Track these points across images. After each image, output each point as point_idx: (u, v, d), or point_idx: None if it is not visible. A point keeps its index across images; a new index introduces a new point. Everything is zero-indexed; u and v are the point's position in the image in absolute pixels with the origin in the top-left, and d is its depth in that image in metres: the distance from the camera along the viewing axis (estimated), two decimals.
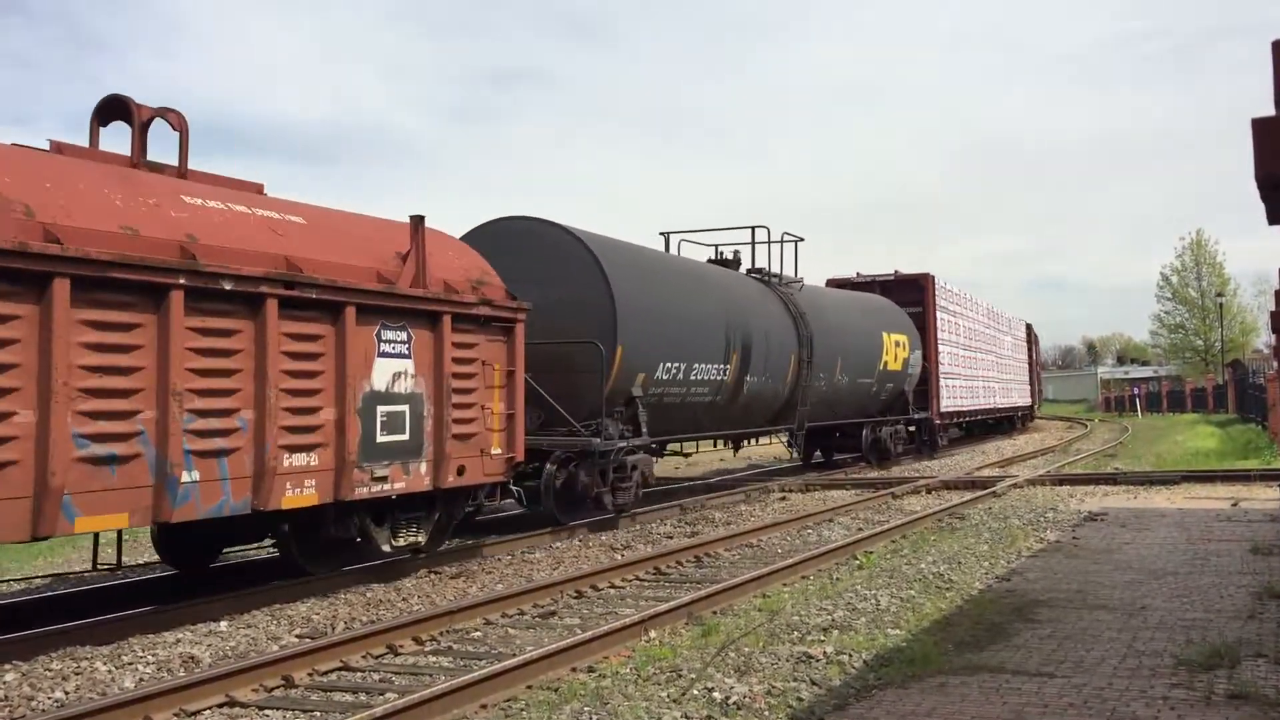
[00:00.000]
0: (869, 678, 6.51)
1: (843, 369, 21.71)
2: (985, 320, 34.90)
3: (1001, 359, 37.47)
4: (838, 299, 23.88)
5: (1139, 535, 12.25)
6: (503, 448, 11.49)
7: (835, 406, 22.01)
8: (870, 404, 24.13)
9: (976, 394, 32.40)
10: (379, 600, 9.66)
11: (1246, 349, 71.52)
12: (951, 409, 29.18)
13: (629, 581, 10.45)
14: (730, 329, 17.21)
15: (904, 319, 25.89)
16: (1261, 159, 3.05)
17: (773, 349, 18.60)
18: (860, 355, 22.77)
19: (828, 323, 21.22)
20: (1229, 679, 6.20)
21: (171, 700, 6.28)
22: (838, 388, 21.65)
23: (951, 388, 29.01)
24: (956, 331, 30.06)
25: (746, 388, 17.84)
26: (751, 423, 19.28)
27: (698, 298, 16.78)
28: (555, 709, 6.00)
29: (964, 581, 9.65)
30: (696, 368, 16.11)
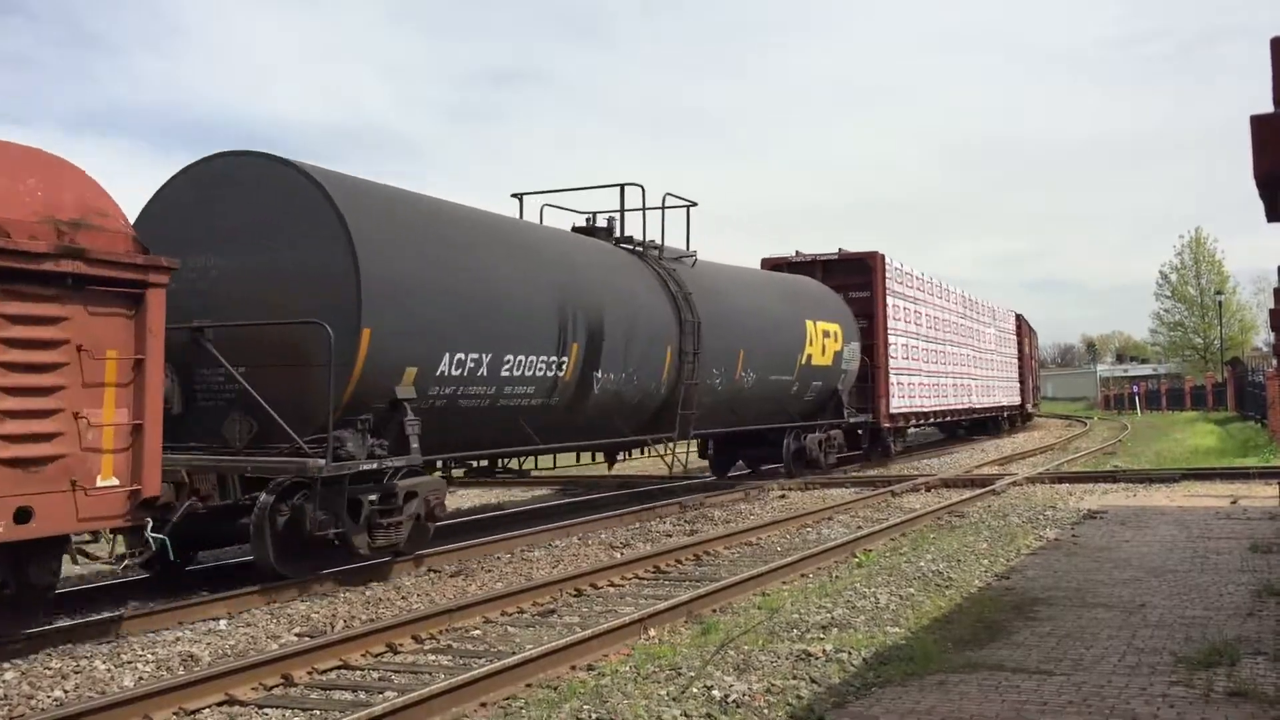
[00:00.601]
0: (868, 675, 6.51)
1: (748, 364, 17.70)
2: (959, 309, 30.89)
3: (982, 353, 33.69)
4: (745, 280, 19.42)
5: (1138, 533, 12.26)
6: (122, 477, 7.79)
7: (740, 409, 17.96)
8: (791, 405, 19.96)
9: (944, 392, 28.28)
10: (378, 599, 9.66)
11: (1246, 347, 71.51)
12: (905, 409, 25.05)
13: (628, 580, 10.46)
14: (568, 311, 13.12)
15: (838, 305, 22.00)
16: (1260, 156, 3.06)
17: (639, 338, 14.58)
18: (773, 348, 18.60)
19: (727, 307, 17.22)
20: (1228, 677, 6.21)
21: (171, 699, 6.28)
22: (741, 387, 17.63)
23: (906, 385, 25.07)
24: (915, 320, 26.19)
25: (598, 387, 13.82)
26: (612, 431, 14.81)
27: (515, 269, 12.58)
28: (555, 707, 6.00)
29: (963, 579, 9.65)
30: (513, 361, 12.15)
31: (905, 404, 24.94)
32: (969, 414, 32.14)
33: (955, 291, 30.75)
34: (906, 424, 26.02)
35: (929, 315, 27.39)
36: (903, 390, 24.72)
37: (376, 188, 11.72)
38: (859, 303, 23.39)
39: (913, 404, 25.56)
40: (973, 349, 32.27)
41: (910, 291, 25.91)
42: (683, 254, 17.15)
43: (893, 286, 24.40)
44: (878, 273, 23.96)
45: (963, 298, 31.66)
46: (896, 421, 24.58)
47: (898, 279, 24.84)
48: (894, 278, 24.59)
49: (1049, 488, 17.80)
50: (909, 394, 25.16)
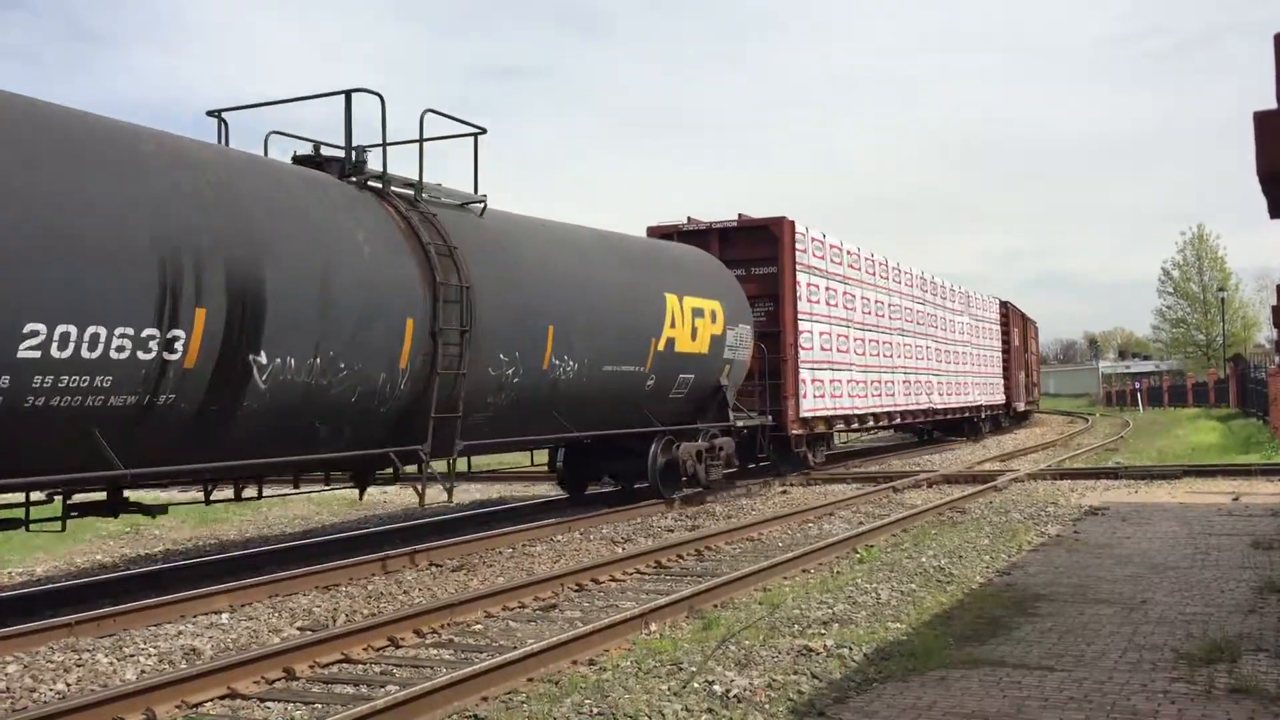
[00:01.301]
0: (869, 671, 6.51)
1: (564, 349, 12.86)
2: (915, 293, 26.56)
3: (949, 345, 29.23)
4: (562, 238, 14.04)
5: (1140, 530, 12.26)
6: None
7: (566, 411, 13.19)
8: (654, 406, 15.12)
9: (889, 390, 24.00)
10: (380, 593, 9.67)
11: (1248, 343, 71.54)
12: (825, 411, 20.38)
13: (630, 575, 10.47)
14: (187, 261, 8.51)
15: (720, 279, 17.25)
16: (1263, 153, 3.05)
17: (347, 306, 9.98)
18: (609, 328, 13.80)
19: (526, 272, 12.51)
20: (1229, 673, 6.21)
21: (173, 692, 6.29)
22: (556, 380, 12.83)
23: (827, 382, 20.52)
24: (842, 303, 21.64)
25: (264, 379, 9.20)
26: (305, 444, 10.10)
27: (84, 190, 7.97)
28: (556, 702, 6.01)
29: (965, 575, 9.66)
30: (47, 334, 7.56)
31: (826, 405, 20.43)
32: (927, 416, 27.39)
33: (910, 272, 26.38)
34: (829, 429, 21.20)
35: (867, 299, 23.01)
36: (821, 388, 20.23)
37: None
38: (763, 281, 19.29)
39: (838, 405, 20.98)
40: (936, 340, 27.89)
41: (835, 268, 21.36)
42: (466, 199, 12.42)
43: (808, 261, 19.98)
44: (784, 243, 19.34)
45: (922, 280, 27.24)
46: (811, 426, 19.92)
47: (816, 252, 20.38)
48: (809, 250, 20.04)
49: (1051, 484, 17.80)
50: (832, 392, 20.69)
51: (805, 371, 19.63)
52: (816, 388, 20.11)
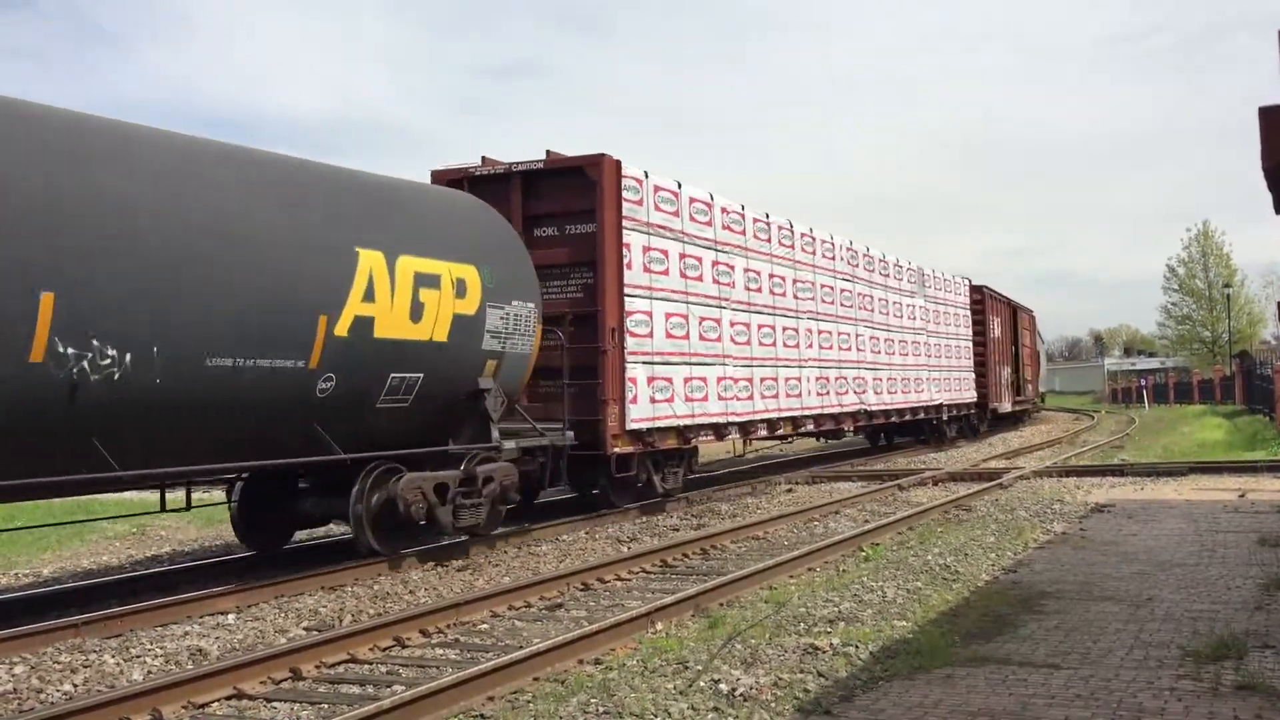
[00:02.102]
0: (875, 669, 6.51)
1: (102, 331, 8.01)
2: (839, 269, 21.23)
3: (896, 333, 24.33)
4: (171, 156, 9.02)
5: (1146, 527, 12.24)
6: None
7: (118, 434, 8.32)
8: (332, 421, 10.12)
9: (798, 390, 18.86)
10: (386, 593, 9.68)
11: (1254, 340, 71.44)
12: (671, 420, 14.98)
13: (635, 574, 10.47)
14: None
15: (483, 235, 12.19)
16: (1268, 147, 3.05)
17: None
18: (219, 297, 8.88)
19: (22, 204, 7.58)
20: (1236, 670, 6.19)
21: (180, 693, 6.30)
22: (85, 384, 7.89)
23: (679, 382, 15.17)
24: (712, 275, 16.26)
25: None
26: None
27: None
28: (562, 701, 6.01)
29: (970, 573, 9.65)
30: None
31: (677, 411, 15.10)
32: (857, 419, 22.19)
33: (833, 242, 21.09)
34: (684, 442, 15.57)
35: (755, 272, 17.68)
36: (668, 389, 14.94)
37: None
38: (581, 243, 14.29)
39: (698, 411, 15.63)
40: (874, 327, 23.01)
41: (698, 230, 16.03)
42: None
43: (646, 217, 14.73)
44: (605, 192, 14.06)
45: (852, 252, 22.09)
46: (650, 441, 14.60)
47: (663, 205, 15.17)
48: (649, 203, 14.83)
49: (1056, 481, 17.78)
50: (689, 394, 15.42)
51: (638, 367, 14.28)
52: (659, 388, 14.68)
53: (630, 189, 14.48)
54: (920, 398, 25.73)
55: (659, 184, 15.23)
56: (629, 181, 14.47)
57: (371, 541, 10.65)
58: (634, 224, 14.50)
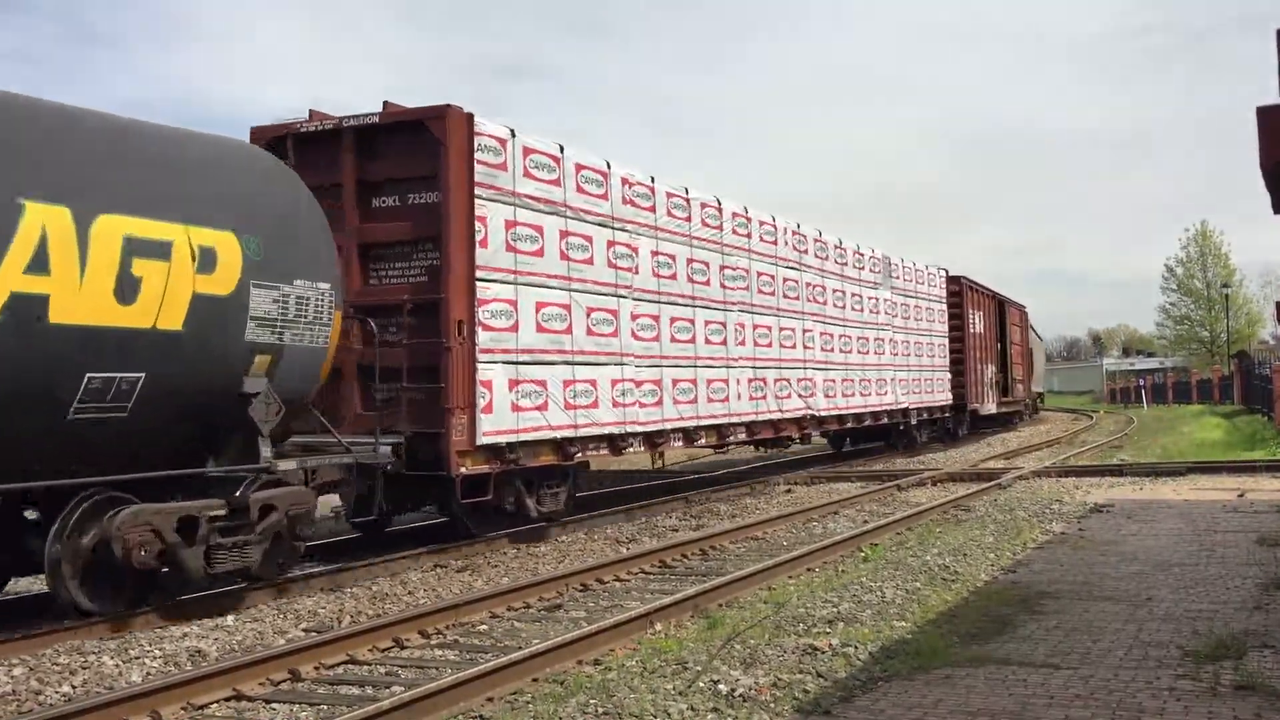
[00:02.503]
0: (875, 670, 6.51)
1: None
2: (781, 254, 18.65)
3: (852, 328, 21.82)
4: None
5: (1145, 527, 12.24)
6: None
7: None
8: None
9: (724, 393, 16.36)
10: (385, 594, 9.68)
11: (1252, 340, 71.44)
12: (545, 432, 12.52)
13: (634, 575, 10.47)
14: None
15: (244, 189, 9.36)
16: (1267, 147, 3.05)
17: None
18: None
19: None
20: (1235, 670, 6.19)
21: (179, 694, 6.30)
22: None
23: (554, 385, 12.70)
24: (604, 258, 13.77)
25: None
26: None
27: None
28: (561, 702, 6.01)
29: (969, 573, 9.65)
30: None
31: (555, 421, 12.57)
32: (801, 426, 19.51)
33: (773, 224, 18.49)
34: (564, 458, 12.91)
35: (665, 256, 15.10)
36: (541, 395, 12.36)
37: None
38: (425, 215, 11.75)
39: (582, 420, 13.04)
40: (824, 321, 20.39)
41: (586, 203, 13.36)
42: None
43: (504, 183, 12.00)
44: (451, 153, 11.46)
45: (797, 236, 19.42)
46: (510, 459, 11.93)
47: (535, 172, 12.49)
48: (515, 167, 12.17)
49: (1055, 481, 17.78)
50: (570, 399, 12.85)
51: (496, 368, 11.70)
52: (527, 393, 12.12)
53: (488, 150, 11.78)
54: (883, 400, 23.27)
55: (531, 146, 12.46)
56: (486, 141, 11.76)
57: (77, 596, 8.07)
58: (493, 193, 11.80)
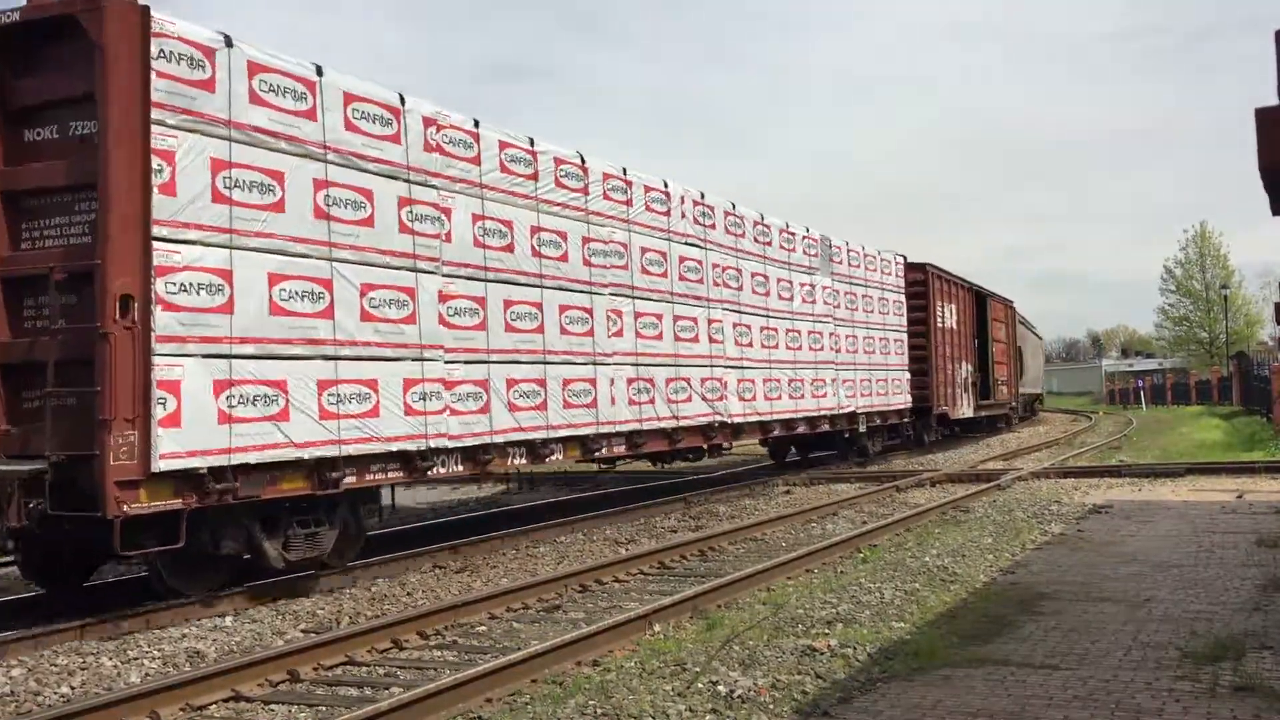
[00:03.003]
0: (873, 670, 6.51)
1: None
2: (676, 229, 15.51)
3: (790, 319, 18.89)
4: None
5: (1143, 528, 12.24)
6: None
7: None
8: None
9: (588, 395, 13.21)
10: (384, 595, 9.67)
11: (1251, 341, 71.39)
12: (288, 451, 9.16)
13: (633, 576, 10.47)
14: None
15: None
16: (1265, 149, 3.05)
17: None
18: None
19: None
20: (1234, 671, 6.20)
21: (177, 695, 6.30)
22: None
23: (293, 387, 9.31)
24: (390, 220, 10.57)
25: None
26: None
27: None
28: (560, 702, 6.01)
29: (968, 574, 9.65)
30: None
31: (303, 436, 9.35)
32: (709, 437, 15.97)
33: (666, 192, 15.39)
34: (320, 485, 9.63)
35: (501, 222, 12.12)
36: (269, 401, 9.16)
37: None
38: (82, 149, 8.66)
39: (361, 432, 9.95)
40: (740, 310, 17.15)
41: (348, 141, 10.21)
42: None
43: (212, 108, 8.93)
44: (114, 63, 8.29)
45: (705, 210, 16.36)
46: (218, 489, 8.63)
47: (255, 94, 9.34)
48: (215, 85, 8.96)
49: (1054, 482, 17.78)
50: (333, 407, 9.68)
51: (187, 364, 8.53)
52: (252, 399, 8.98)
53: (179, 60, 8.63)
54: (822, 404, 19.72)
55: (262, 62, 9.38)
56: (175, 47, 8.61)
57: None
58: (189, 120, 8.70)
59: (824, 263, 20.50)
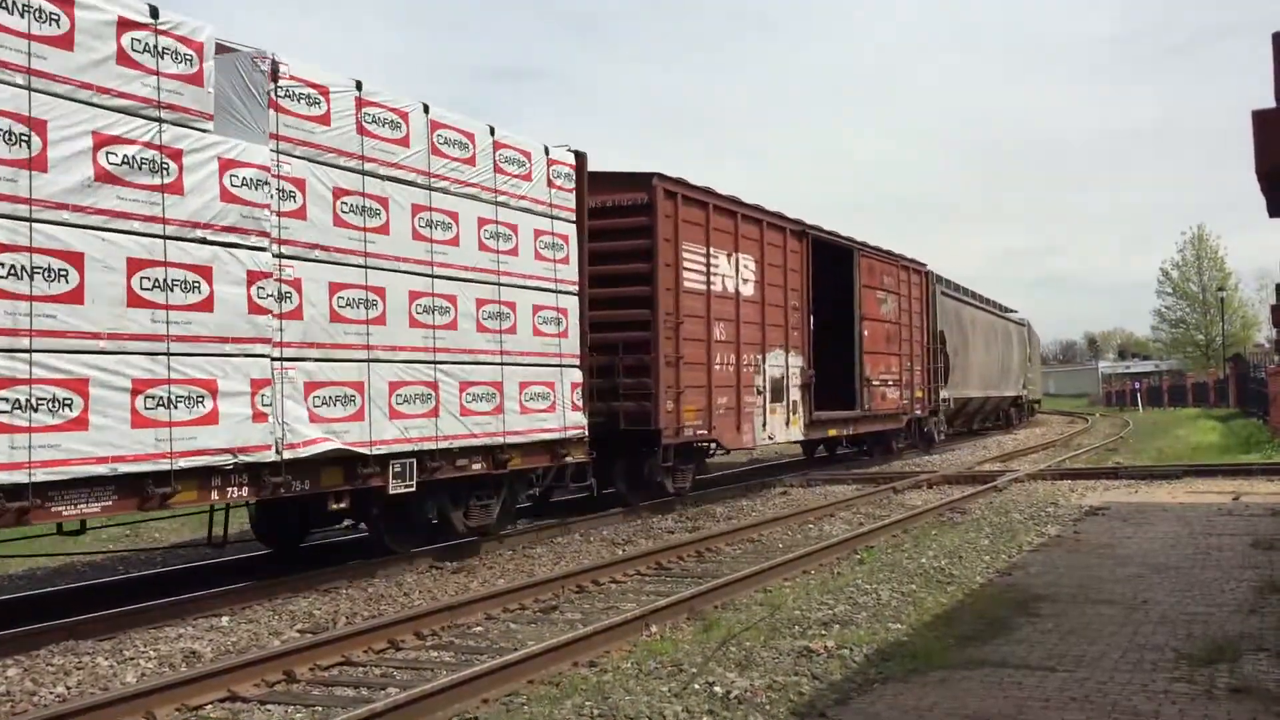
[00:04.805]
0: (870, 672, 6.51)
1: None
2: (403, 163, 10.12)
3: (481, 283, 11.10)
4: None
5: (1140, 529, 12.25)
6: None
7: None
8: None
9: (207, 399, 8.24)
10: (380, 595, 9.66)
11: (1247, 343, 71.47)
12: None
13: (630, 577, 10.46)
14: None
15: None
16: (1262, 151, 3.05)
17: None
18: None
19: None
20: (1230, 673, 6.20)
21: (173, 695, 6.29)
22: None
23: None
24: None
25: None
26: None
27: None
28: (557, 704, 6.00)
29: (965, 576, 9.65)
30: None
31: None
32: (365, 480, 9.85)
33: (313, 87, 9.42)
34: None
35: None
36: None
37: None
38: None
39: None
40: (434, 271, 10.55)
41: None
42: None
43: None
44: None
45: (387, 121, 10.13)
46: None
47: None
48: None
49: (1051, 484, 17.78)
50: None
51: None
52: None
53: None
54: (528, 426, 11.88)
55: None
56: None
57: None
58: None
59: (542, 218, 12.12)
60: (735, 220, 16.76)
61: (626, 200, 14.65)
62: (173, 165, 8.24)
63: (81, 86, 7.66)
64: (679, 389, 14.70)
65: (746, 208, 17.23)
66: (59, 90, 7.52)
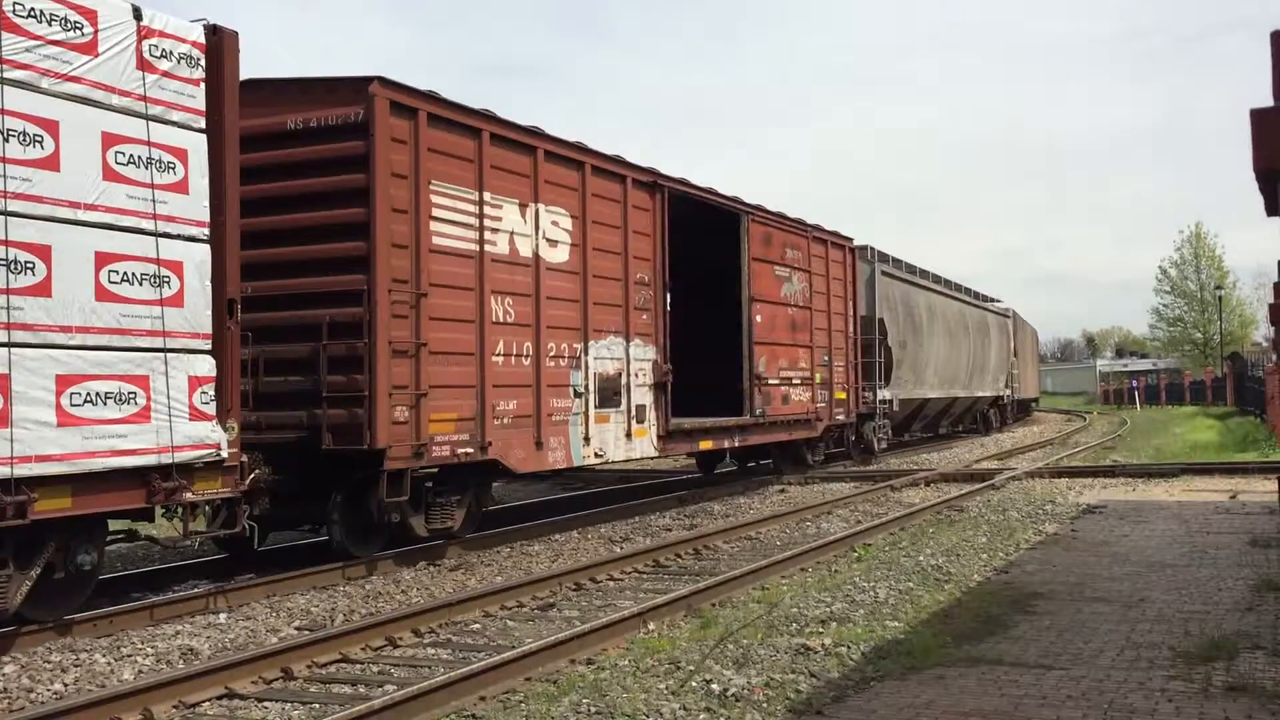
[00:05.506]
0: (867, 670, 6.51)
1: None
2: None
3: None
4: None
5: (1137, 528, 12.26)
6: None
7: None
8: None
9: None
10: (378, 593, 9.66)
11: (1245, 342, 71.53)
12: None
13: (628, 574, 10.46)
14: None
15: None
16: (1260, 150, 3.05)
17: None
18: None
19: None
20: (1227, 671, 6.21)
21: (171, 692, 6.29)
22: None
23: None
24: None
25: None
26: None
27: None
28: (554, 701, 6.01)
29: (962, 574, 9.66)
30: None
31: None
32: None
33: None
34: None
35: None
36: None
37: None
38: None
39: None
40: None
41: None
42: None
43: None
44: None
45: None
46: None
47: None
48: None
49: (1048, 482, 17.80)
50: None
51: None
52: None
53: None
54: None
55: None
56: None
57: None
58: None
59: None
60: (534, 159, 12.10)
61: (334, 118, 10.29)
62: None
63: None
64: (419, 390, 10.37)
65: (555, 143, 12.51)
66: None
